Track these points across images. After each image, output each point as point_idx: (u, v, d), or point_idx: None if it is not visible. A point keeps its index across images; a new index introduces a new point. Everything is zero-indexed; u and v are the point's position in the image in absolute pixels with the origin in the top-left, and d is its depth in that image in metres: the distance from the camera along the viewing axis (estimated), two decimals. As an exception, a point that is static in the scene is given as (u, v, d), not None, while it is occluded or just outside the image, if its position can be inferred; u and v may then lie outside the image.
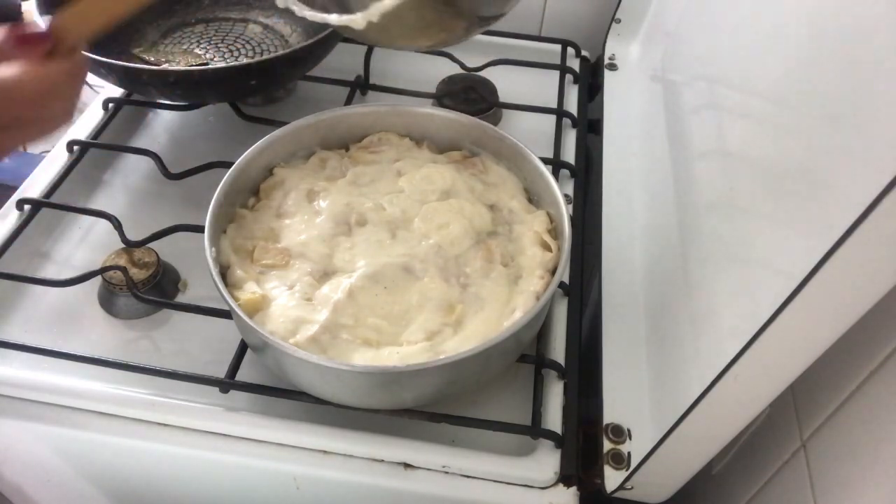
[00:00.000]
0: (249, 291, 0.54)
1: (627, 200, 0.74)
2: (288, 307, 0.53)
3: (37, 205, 0.68)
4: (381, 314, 0.54)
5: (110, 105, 0.79)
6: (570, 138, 0.81)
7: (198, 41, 0.85)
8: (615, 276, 0.66)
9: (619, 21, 0.76)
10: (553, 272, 0.57)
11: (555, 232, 0.60)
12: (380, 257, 0.57)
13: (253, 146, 0.62)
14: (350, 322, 0.53)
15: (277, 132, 0.64)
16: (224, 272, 0.55)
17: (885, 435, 0.40)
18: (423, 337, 0.53)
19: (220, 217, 0.58)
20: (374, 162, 0.65)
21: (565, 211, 0.58)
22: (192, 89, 0.71)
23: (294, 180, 0.63)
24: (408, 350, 0.52)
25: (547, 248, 0.59)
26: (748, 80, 0.52)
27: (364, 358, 0.51)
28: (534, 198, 0.64)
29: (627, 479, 0.53)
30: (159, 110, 0.82)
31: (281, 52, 0.74)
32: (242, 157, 0.61)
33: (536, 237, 0.60)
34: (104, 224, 0.65)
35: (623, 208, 0.73)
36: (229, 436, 0.55)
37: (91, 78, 0.69)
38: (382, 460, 0.54)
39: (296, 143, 0.65)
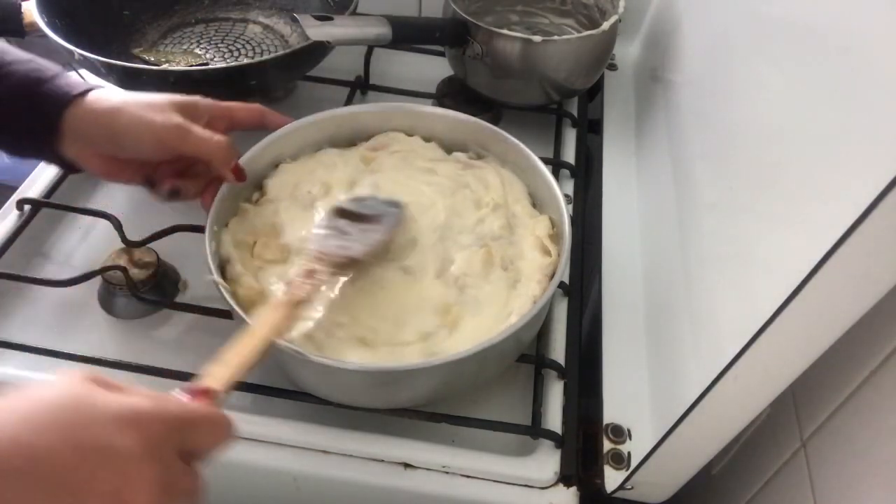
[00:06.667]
0: (247, 286, 0.54)
1: (627, 200, 0.74)
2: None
3: (37, 205, 0.68)
4: (377, 314, 0.54)
5: (110, 105, 0.79)
6: (570, 138, 0.81)
7: (198, 41, 0.85)
8: (615, 276, 0.66)
9: (619, 21, 0.76)
10: (552, 277, 0.57)
11: (557, 237, 0.60)
12: (381, 259, 0.56)
13: (260, 141, 0.62)
14: (346, 320, 0.53)
15: (284, 128, 0.64)
16: (224, 266, 0.55)
17: (885, 435, 0.40)
18: (418, 338, 0.53)
19: (223, 210, 0.58)
20: (380, 161, 0.65)
21: (566, 213, 0.58)
22: (192, 89, 0.71)
23: (299, 176, 0.63)
24: (402, 350, 0.52)
25: (547, 253, 0.58)
26: (748, 80, 0.52)
27: (358, 356, 0.51)
28: (538, 202, 0.64)
29: (627, 479, 0.53)
30: (159, 110, 0.82)
31: (281, 52, 0.74)
32: (249, 151, 0.62)
33: (537, 242, 0.59)
34: (104, 224, 0.65)
35: (623, 208, 0.73)
36: (229, 436, 0.55)
37: (91, 78, 0.69)
38: (382, 460, 0.54)
39: (303, 140, 0.66)
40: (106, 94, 0.54)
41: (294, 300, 0.49)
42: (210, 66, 0.79)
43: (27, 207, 0.68)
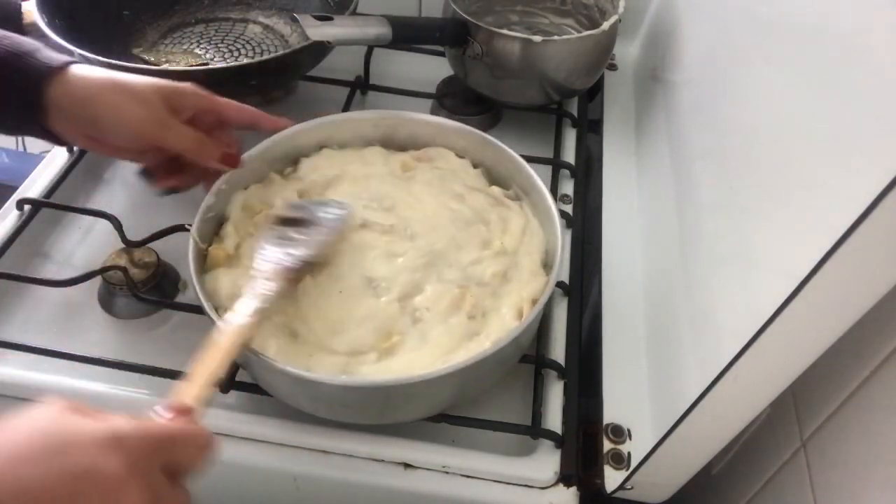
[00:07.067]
0: (222, 248, 0.56)
1: (627, 200, 0.74)
2: (246, 273, 0.53)
3: (37, 205, 0.68)
4: (321, 314, 0.52)
5: (110, 105, 0.79)
6: (570, 138, 0.81)
7: (198, 41, 0.85)
8: (615, 276, 0.66)
9: (619, 21, 0.77)
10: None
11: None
12: (355, 263, 0.56)
13: (311, 120, 0.64)
14: (290, 308, 0.52)
15: (336, 116, 0.66)
16: (222, 223, 0.58)
17: (885, 435, 0.40)
18: (346, 351, 0.51)
19: (250, 173, 0.61)
20: (417, 172, 0.64)
21: (551, 283, 0.54)
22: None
23: (332, 164, 0.64)
24: (321, 358, 0.50)
25: (520, 317, 0.54)
26: (748, 80, 0.52)
27: (276, 346, 0.50)
28: (549, 262, 0.59)
29: (627, 479, 0.53)
30: (159, 110, 0.82)
31: (281, 52, 0.74)
32: (296, 126, 0.63)
33: (517, 304, 0.55)
34: (104, 224, 0.65)
35: (623, 208, 0.73)
36: (229, 436, 0.55)
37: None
38: (382, 460, 0.54)
39: (354, 132, 0.66)
40: (88, 71, 0.53)
41: (252, 321, 0.48)
42: (210, 66, 0.79)
43: (27, 207, 0.68)
